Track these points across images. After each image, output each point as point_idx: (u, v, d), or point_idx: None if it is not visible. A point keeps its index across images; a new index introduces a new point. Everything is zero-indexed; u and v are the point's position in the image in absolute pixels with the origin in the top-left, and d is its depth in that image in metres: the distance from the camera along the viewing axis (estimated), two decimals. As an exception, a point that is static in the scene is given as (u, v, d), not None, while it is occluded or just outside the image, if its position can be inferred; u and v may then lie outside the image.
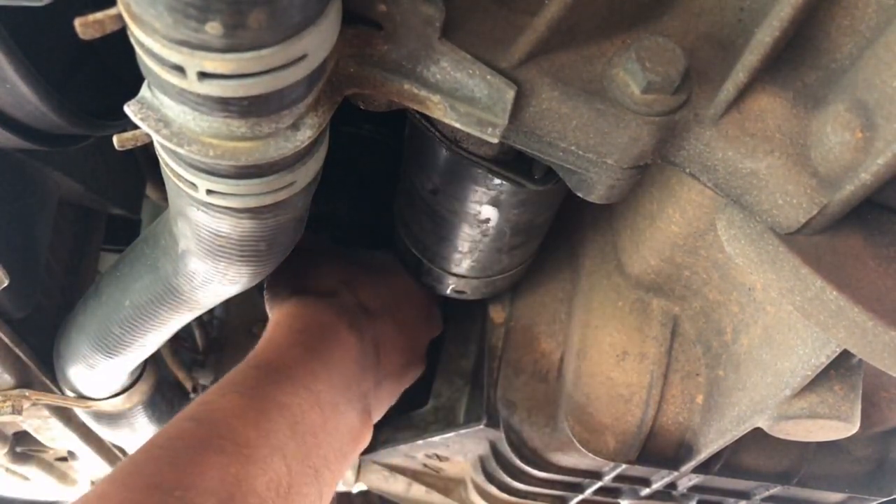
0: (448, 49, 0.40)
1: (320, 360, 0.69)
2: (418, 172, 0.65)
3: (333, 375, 0.69)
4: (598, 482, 0.84)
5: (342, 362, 0.71)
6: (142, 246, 0.66)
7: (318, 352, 0.69)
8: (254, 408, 0.60)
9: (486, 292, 0.80)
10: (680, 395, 0.70)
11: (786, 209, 0.43)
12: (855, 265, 0.43)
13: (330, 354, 0.70)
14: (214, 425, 0.58)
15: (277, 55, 0.34)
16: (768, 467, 0.80)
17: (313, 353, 0.69)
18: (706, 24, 0.44)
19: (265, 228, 0.50)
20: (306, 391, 0.64)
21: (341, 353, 0.72)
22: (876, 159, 0.38)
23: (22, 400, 0.82)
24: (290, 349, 0.69)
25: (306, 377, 0.66)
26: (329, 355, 0.70)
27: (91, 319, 0.71)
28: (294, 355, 0.68)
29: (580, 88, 0.42)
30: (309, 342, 0.70)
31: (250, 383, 0.63)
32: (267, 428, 0.59)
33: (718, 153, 0.43)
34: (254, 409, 0.60)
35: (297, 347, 0.69)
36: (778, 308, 0.57)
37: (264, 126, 0.38)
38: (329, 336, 0.72)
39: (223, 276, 0.58)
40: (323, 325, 0.73)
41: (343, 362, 0.71)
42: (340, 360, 0.71)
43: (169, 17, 0.31)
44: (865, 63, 0.39)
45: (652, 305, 0.70)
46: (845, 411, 0.56)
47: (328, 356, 0.70)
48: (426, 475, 1.06)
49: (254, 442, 0.57)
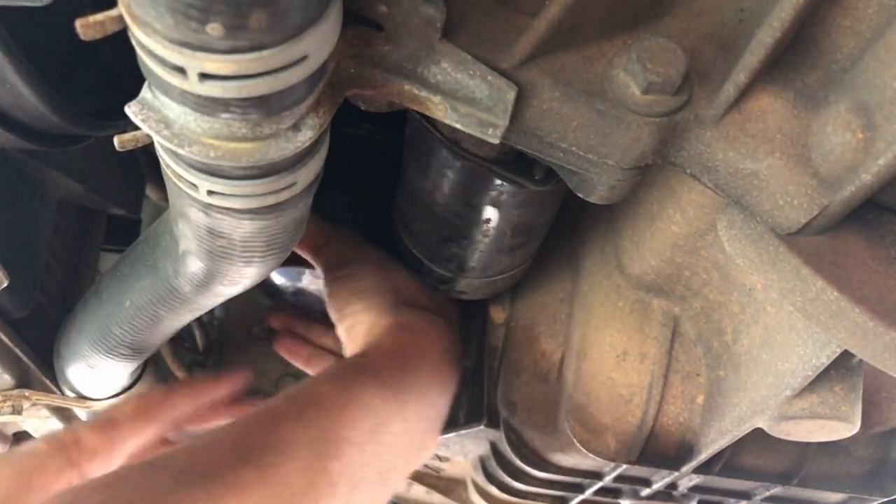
0: (449, 50, 0.40)
1: (414, 375, 0.71)
2: (418, 173, 0.65)
3: (424, 394, 0.71)
4: (598, 482, 0.84)
5: (433, 386, 0.74)
6: (142, 246, 0.66)
7: (415, 369, 0.71)
8: (342, 398, 0.63)
9: (487, 292, 0.80)
10: (680, 395, 0.70)
11: (786, 210, 0.43)
12: (856, 266, 0.43)
13: (424, 373, 0.72)
14: (303, 403, 0.61)
15: (278, 56, 0.34)
16: (769, 467, 0.80)
17: (411, 368, 0.71)
18: (707, 25, 0.44)
19: (266, 229, 0.50)
20: (395, 399, 0.66)
21: (433, 375, 0.74)
22: (877, 160, 0.38)
23: (22, 400, 0.82)
24: (389, 359, 0.71)
25: (398, 386, 0.68)
26: (422, 374, 0.72)
27: (91, 320, 0.71)
28: (391, 365, 0.70)
29: (581, 89, 0.42)
30: (407, 357, 0.72)
31: (349, 377, 0.66)
32: (350, 417, 0.62)
33: (719, 154, 0.43)
34: (341, 400, 0.63)
35: (396, 359, 0.71)
36: (778, 308, 0.57)
37: (265, 127, 0.38)
38: (428, 356, 0.74)
39: (224, 277, 0.58)
40: (427, 344, 0.75)
41: (434, 386, 0.74)
42: (432, 382, 0.73)
43: (170, 18, 0.31)
44: (866, 64, 0.39)
45: (652, 306, 0.70)
46: (846, 412, 0.56)
47: (421, 374, 0.72)
48: (426, 475, 1.06)
49: (333, 427, 0.60)
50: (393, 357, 0.71)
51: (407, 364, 0.71)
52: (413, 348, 0.73)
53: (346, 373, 0.67)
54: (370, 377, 0.67)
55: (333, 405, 0.62)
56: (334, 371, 0.68)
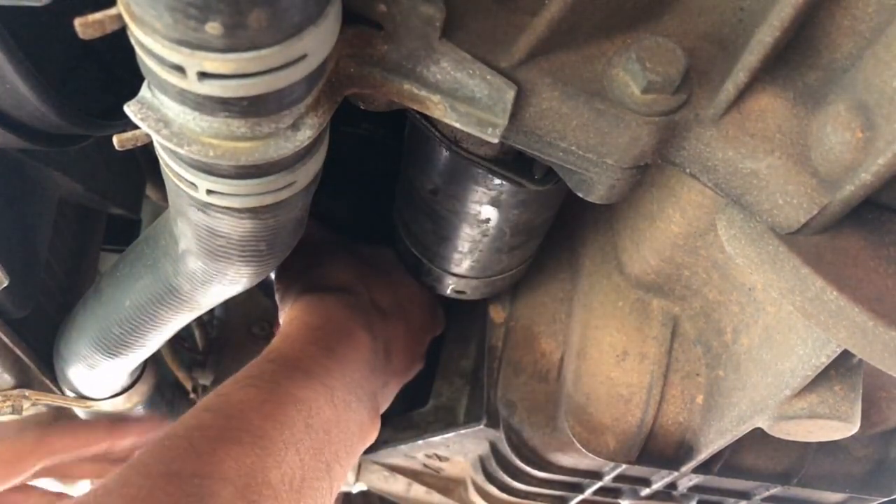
0: (448, 49, 0.40)
1: (335, 358, 0.69)
2: (418, 172, 0.65)
3: (347, 373, 0.70)
4: (598, 482, 0.84)
5: (356, 361, 0.72)
6: (142, 246, 0.66)
7: (334, 349, 0.70)
8: (270, 401, 0.61)
9: (486, 292, 0.80)
10: (680, 395, 0.70)
11: (786, 209, 0.43)
12: (855, 265, 0.43)
13: (345, 352, 0.71)
14: (231, 417, 0.59)
15: (277, 55, 0.34)
16: (768, 467, 0.80)
17: (329, 350, 0.70)
18: (706, 24, 0.44)
19: (265, 228, 0.50)
20: (322, 387, 0.65)
21: (355, 351, 0.73)
22: (876, 159, 0.38)
23: (22, 400, 0.82)
24: (307, 345, 0.70)
25: (322, 373, 0.67)
26: (344, 353, 0.71)
27: (91, 319, 0.71)
28: (310, 352, 0.69)
29: (580, 88, 0.42)
30: (325, 339, 0.71)
31: (267, 377, 0.64)
32: (283, 421, 0.60)
33: (719, 153, 0.43)
34: (270, 402, 0.61)
35: (314, 344, 0.70)
36: (778, 308, 0.57)
37: (264, 126, 0.38)
38: (344, 334, 0.73)
39: (223, 277, 0.58)
40: (339, 323, 0.74)
41: (356, 361, 0.72)
42: (354, 358, 0.72)
43: (169, 17, 0.31)
44: (866, 63, 0.39)
45: (652, 305, 0.70)
46: (845, 411, 0.56)
47: (343, 354, 0.71)
48: (426, 475, 1.06)
49: (269, 434, 0.58)
50: (313, 344, 0.69)
51: (328, 349, 0.69)
52: (333, 332, 0.72)
53: (270, 370, 0.65)
54: (295, 370, 0.65)
55: (262, 409, 0.60)
56: (257, 371, 0.66)
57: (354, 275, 0.81)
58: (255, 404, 0.60)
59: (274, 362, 0.67)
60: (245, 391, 0.62)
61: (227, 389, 0.63)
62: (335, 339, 0.71)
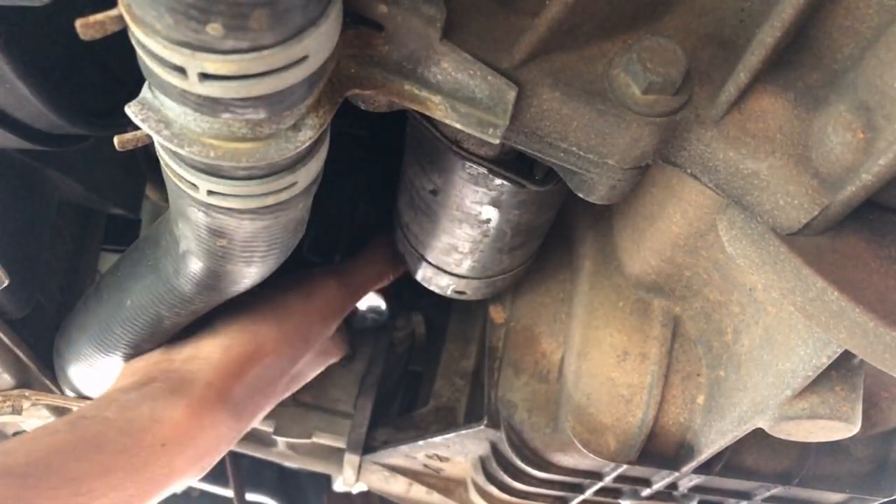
0: (449, 50, 0.40)
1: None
2: (419, 173, 0.65)
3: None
4: (598, 482, 0.84)
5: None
6: (143, 246, 0.66)
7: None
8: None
9: (487, 292, 0.80)
10: (681, 395, 0.70)
11: (787, 210, 0.43)
12: (856, 266, 0.43)
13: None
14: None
15: (278, 56, 0.34)
16: (769, 468, 0.80)
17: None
18: (707, 25, 0.44)
19: (266, 229, 0.50)
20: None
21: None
22: (877, 160, 0.38)
23: (22, 400, 0.82)
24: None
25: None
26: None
27: (92, 319, 0.71)
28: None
29: (581, 89, 0.42)
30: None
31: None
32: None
33: (720, 154, 0.43)
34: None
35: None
36: (779, 308, 0.57)
37: (265, 127, 0.38)
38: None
39: (224, 277, 0.58)
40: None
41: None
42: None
43: (170, 19, 0.31)
44: (866, 64, 0.39)
45: (653, 306, 0.70)
46: (846, 412, 0.56)
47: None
48: (427, 475, 1.06)
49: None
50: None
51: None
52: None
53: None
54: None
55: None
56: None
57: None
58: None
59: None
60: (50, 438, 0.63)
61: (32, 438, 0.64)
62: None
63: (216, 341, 0.72)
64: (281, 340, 0.75)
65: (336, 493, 1.45)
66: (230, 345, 0.72)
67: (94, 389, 0.82)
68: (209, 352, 0.72)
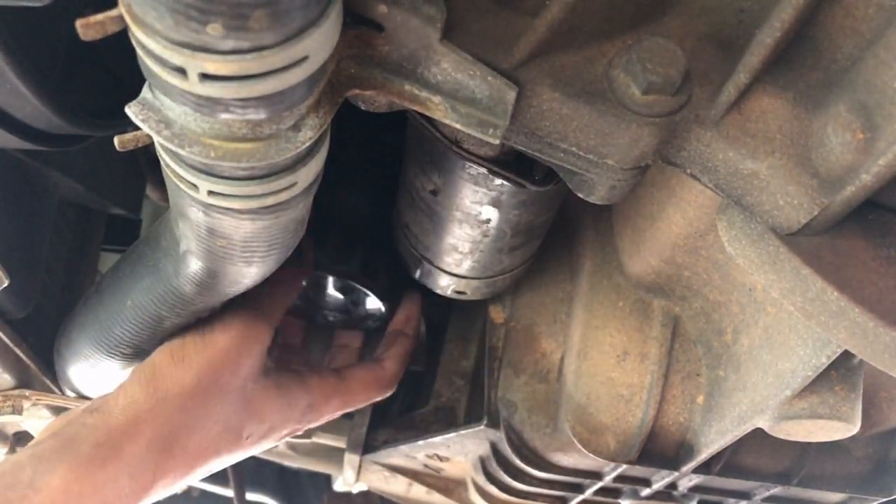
0: (449, 50, 0.40)
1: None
2: (419, 173, 0.65)
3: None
4: (598, 482, 0.84)
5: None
6: (143, 247, 0.66)
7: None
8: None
9: (487, 293, 0.80)
10: (680, 395, 0.70)
11: (787, 210, 0.43)
12: (856, 266, 0.43)
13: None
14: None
15: (279, 57, 0.34)
16: (769, 467, 0.80)
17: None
18: (707, 25, 0.44)
19: (267, 229, 0.50)
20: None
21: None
22: (877, 160, 0.38)
23: (22, 400, 0.82)
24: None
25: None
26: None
27: (92, 319, 0.71)
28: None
29: (581, 89, 0.42)
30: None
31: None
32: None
33: (719, 154, 0.43)
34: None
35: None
36: (778, 308, 0.57)
37: (265, 127, 0.38)
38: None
39: (224, 277, 0.58)
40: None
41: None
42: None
43: (170, 19, 0.31)
44: (866, 64, 0.39)
45: (652, 306, 0.70)
46: (846, 412, 0.56)
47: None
48: (427, 475, 1.06)
49: None
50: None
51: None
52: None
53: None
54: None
55: None
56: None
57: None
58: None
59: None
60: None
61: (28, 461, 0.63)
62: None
63: (118, 395, 0.68)
64: (181, 392, 0.69)
65: (336, 493, 1.45)
66: (127, 402, 0.67)
67: (95, 389, 0.82)
68: (110, 407, 0.67)
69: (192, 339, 0.71)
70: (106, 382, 0.81)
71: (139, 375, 0.69)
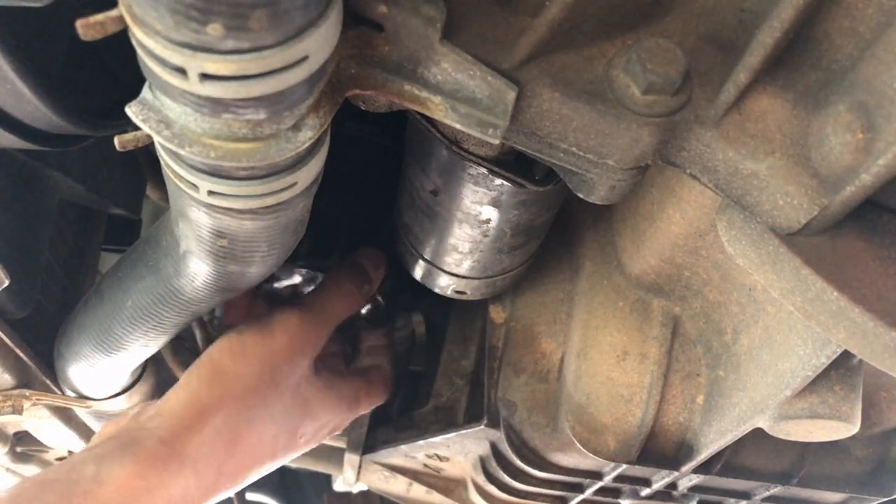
0: (449, 50, 0.40)
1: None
2: (419, 173, 0.65)
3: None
4: (598, 482, 0.84)
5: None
6: (143, 247, 0.66)
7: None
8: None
9: (487, 293, 0.80)
10: (680, 395, 0.70)
11: (786, 210, 0.43)
12: (856, 266, 0.43)
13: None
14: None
15: (279, 57, 0.34)
16: (769, 467, 0.80)
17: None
18: (707, 25, 0.44)
19: (267, 229, 0.50)
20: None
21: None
22: (877, 160, 0.38)
23: (22, 400, 0.82)
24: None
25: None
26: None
27: (92, 319, 0.71)
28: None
29: (581, 89, 0.42)
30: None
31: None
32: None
33: (719, 154, 0.43)
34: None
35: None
36: (778, 308, 0.57)
37: (266, 127, 0.38)
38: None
39: (224, 278, 0.58)
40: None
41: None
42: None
43: (170, 19, 0.31)
44: (866, 64, 0.39)
45: (652, 306, 0.70)
46: (846, 412, 0.56)
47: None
48: (427, 475, 1.06)
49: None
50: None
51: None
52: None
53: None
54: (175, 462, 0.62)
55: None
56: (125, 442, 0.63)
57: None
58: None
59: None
60: (110, 469, 0.62)
61: (88, 458, 0.63)
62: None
63: (177, 394, 0.68)
64: (243, 389, 0.69)
65: (336, 493, 1.46)
66: (189, 398, 0.68)
67: (95, 390, 0.82)
68: (170, 406, 0.67)
69: (252, 335, 0.71)
70: (106, 382, 0.81)
71: (198, 371, 0.70)
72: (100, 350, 0.71)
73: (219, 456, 0.67)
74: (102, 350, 0.71)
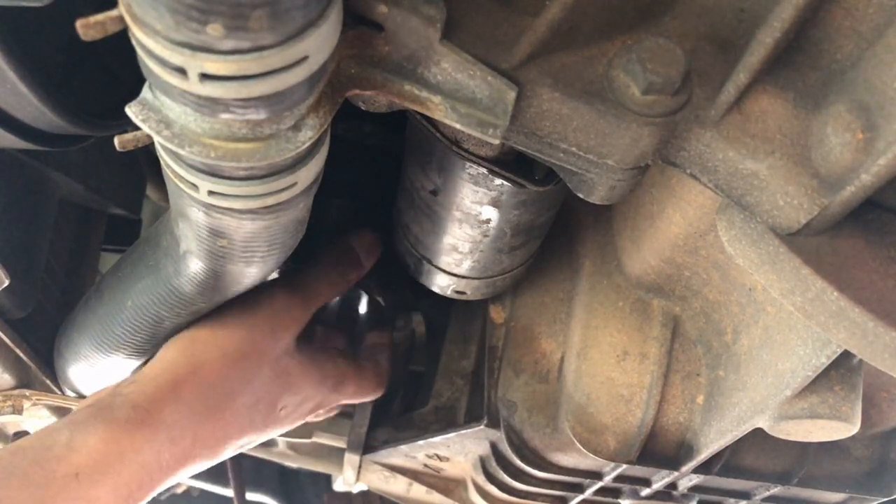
0: (449, 50, 0.40)
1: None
2: (418, 173, 0.65)
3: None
4: (598, 482, 0.84)
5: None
6: (143, 247, 0.66)
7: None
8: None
9: (487, 293, 0.80)
10: (680, 395, 0.70)
11: (786, 210, 0.43)
12: (856, 266, 0.43)
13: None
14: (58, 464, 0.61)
15: (279, 57, 0.34)
16: (769, 467, 0.80)
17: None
18: (707, 25, 0.44)
19: (267, 229, 0.50)
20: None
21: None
22: (877, 160, 0.38)
23: (22, 400, 0.82)
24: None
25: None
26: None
27: (93, 319, 0.71)
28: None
29: (581, 89, 0.42)
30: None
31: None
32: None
33: (719, 154, 0.43)
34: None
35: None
36: (778, 308, 0.57)
37: (266, 127, 0.38)
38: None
39: (225, 277, 0.58)
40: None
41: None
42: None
43: (170, 19, 0.31)
44: (866, 64, 0.39)
45: (652, 306, 0.70)
46: (846, 412, 0.56)
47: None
48: (427, 475, 1.06)
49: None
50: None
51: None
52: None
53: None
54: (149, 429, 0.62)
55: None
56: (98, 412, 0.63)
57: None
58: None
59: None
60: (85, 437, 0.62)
61: (63, 428, 0.63)
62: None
63: (156, 363, 0.68)
64: (221, 357, 0.69)
65: (336, 493, 1.46)
66: (165, 365, 0.67)
67: (95, 389, 0.82)
68: (146, 374, 0.67)
69: (232, 308, 0.70)
70: (106, 382, 0.81)
71: (177, 343, 0.69)
72: (100, 350, 0.71)
73: (194, 423, 0.67)
74: (102, 350, 0.71)
